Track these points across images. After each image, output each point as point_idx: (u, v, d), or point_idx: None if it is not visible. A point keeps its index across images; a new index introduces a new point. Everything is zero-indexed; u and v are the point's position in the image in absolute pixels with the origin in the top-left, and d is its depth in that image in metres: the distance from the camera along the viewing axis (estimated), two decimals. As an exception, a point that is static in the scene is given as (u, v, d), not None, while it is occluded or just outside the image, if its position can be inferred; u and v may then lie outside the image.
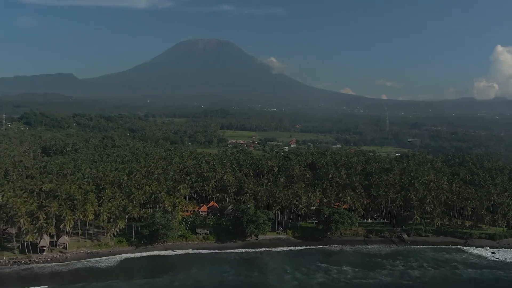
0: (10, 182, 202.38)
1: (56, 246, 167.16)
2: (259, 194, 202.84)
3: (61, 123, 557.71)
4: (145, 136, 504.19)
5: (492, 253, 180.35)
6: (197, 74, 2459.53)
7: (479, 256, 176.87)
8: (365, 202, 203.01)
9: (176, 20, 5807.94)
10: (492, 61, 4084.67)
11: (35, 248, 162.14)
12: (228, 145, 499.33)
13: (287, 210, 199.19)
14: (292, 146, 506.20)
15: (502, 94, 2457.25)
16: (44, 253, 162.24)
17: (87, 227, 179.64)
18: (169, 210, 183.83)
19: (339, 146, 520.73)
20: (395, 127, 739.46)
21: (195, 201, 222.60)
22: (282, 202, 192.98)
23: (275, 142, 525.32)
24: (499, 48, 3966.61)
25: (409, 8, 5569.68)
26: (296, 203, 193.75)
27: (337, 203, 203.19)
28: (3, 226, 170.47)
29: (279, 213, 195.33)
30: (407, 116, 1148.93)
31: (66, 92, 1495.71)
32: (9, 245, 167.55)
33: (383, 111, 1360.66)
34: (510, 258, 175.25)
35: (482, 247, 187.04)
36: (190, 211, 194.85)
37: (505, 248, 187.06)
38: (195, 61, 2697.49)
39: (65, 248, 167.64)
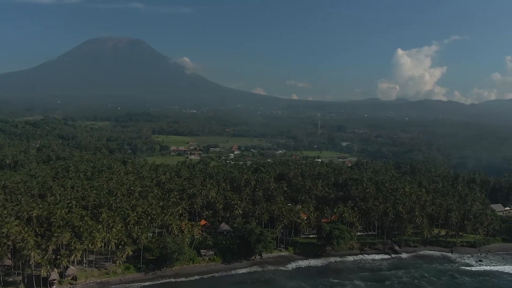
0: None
1: (64, 278, 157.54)
2: (257, 211, 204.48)
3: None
4: (80, 144, 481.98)
5: (480, 261, 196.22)
6: (107, 73, 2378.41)
7: (469, 265, 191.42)
8: (357, 216, 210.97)
9: (83, 17, 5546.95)
10: (393, 64, 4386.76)
11: (42, 281, 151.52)
12: (172, 153, 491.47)
13: (281, 226, 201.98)
14: (235, 152, 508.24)
15: (402, 95, 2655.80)
16: (54, 287, 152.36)
17: (88, 255, 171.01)
18: (176, 233, 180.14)
19: (281, 152, 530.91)
20: (321, 130, 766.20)
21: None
22: (285, 220, 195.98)
23: (217, 149, 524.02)
24: (400, 51, 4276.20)
25: (316, 11, 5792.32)
26: (299, 220, 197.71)
27: (327, 218, 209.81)
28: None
29: (282, 230, 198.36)
30: (325, 117, 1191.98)
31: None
32: (10, 279, 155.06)
33: (300, 112, 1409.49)
34: (495, 265, 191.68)
35: (466, 254, 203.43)
36: (198, 233, 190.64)
37: (486, 254, 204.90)
38: (105, 60, 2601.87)
39: (74, 279, 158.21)
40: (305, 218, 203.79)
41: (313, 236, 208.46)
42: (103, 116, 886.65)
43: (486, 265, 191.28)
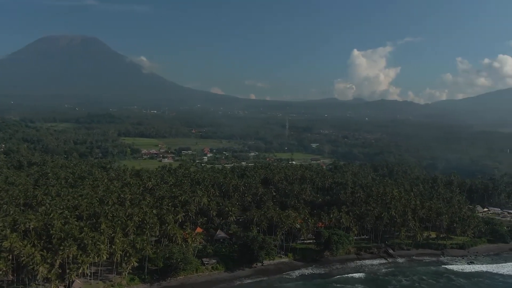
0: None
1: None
2: (255, 218, 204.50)
3: None
4: (47, 148, 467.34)
5: (471, 262, 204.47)
6: (61, 72, 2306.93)
7: (462, 267, 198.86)
8: (352, 220, 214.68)
9: (35, 14, 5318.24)
10: (349, 64, 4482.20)
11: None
12: (144, 156, 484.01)
13: (281, 233, 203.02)
14: (208, 155, 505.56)
15: (358, 95, 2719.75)
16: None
17: (90, 267, 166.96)
18: (179, 243, 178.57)
19: (254, 154, 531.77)
20: (289, 131, 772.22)
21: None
22: (285, 226, 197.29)
23: (189, 152, 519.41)
24: (356, 52, 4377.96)
25: (272, 13, 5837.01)
26: (298, 227, 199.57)
27: (320, 223, 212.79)
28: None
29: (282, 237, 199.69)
30: (287, 117, 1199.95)
31: None
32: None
33: (261, 112, 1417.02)
34: (486, 267, 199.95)
35: (457, 257, 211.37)
36: (199, 241, 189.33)
37: (476, 256, 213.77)
38: (59, 58, 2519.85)
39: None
40: (302, 223, 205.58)
41: (310, 241, 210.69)
42: (62, 118, 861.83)
43: (477, 267, 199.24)
